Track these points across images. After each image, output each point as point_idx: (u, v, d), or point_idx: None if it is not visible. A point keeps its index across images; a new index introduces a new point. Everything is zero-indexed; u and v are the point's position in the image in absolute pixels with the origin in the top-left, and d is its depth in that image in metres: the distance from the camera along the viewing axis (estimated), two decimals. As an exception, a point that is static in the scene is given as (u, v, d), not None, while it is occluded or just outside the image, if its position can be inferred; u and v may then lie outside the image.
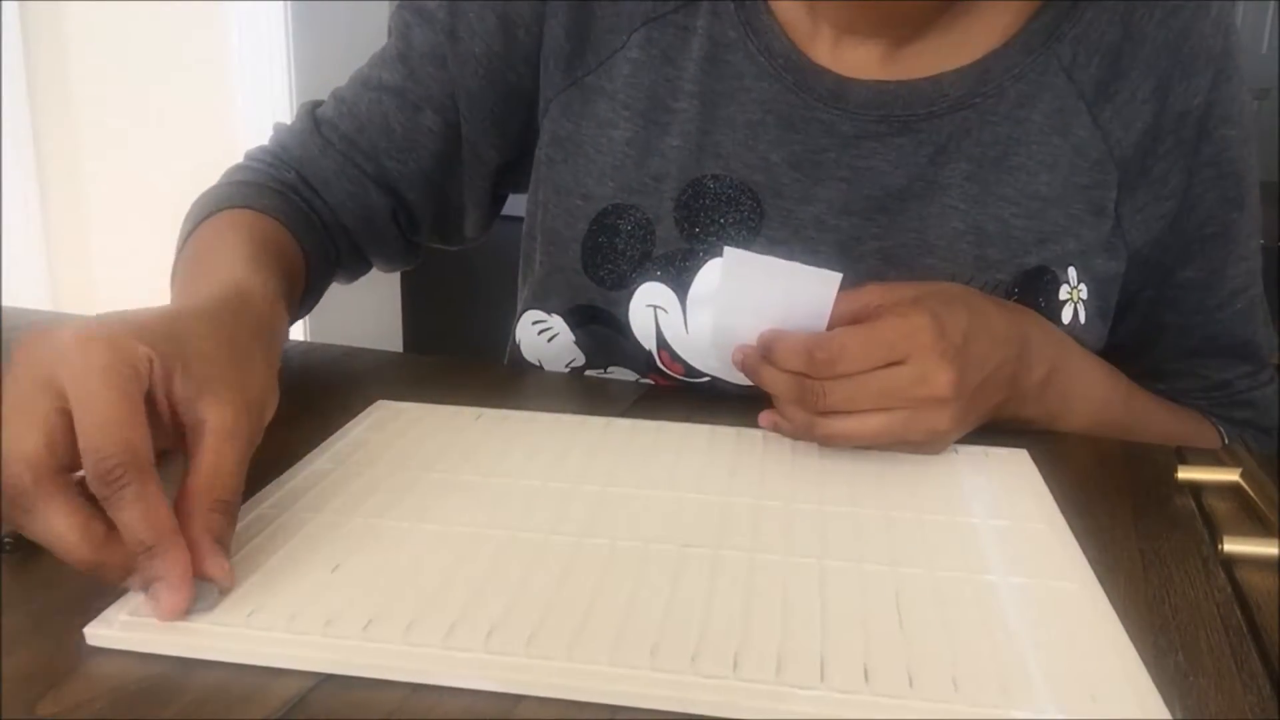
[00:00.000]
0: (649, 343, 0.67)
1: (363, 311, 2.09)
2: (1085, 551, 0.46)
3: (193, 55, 1.89)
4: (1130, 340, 0.70)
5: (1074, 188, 0.62)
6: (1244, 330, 0.69)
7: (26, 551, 0.43)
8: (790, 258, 0.59)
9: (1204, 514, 0.52)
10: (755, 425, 0.58)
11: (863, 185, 0.63)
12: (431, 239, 0.79)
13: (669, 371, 0.67)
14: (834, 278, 0.52)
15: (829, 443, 0.53)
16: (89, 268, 2.08)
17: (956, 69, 0.63)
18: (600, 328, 0.68)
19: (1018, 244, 0.62)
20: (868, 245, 0.63)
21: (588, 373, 0.71)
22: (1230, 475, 0.55)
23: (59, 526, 0.36)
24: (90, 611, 0.38)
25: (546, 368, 0.73)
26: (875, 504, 0.49)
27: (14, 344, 0.39)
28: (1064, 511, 0.49)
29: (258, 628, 0.38)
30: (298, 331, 2.00)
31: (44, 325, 0.40)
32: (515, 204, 0.80)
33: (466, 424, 0.58)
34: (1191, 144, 0.63)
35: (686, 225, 0.64)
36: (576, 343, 0.70)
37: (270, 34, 1.82)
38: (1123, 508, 0.52)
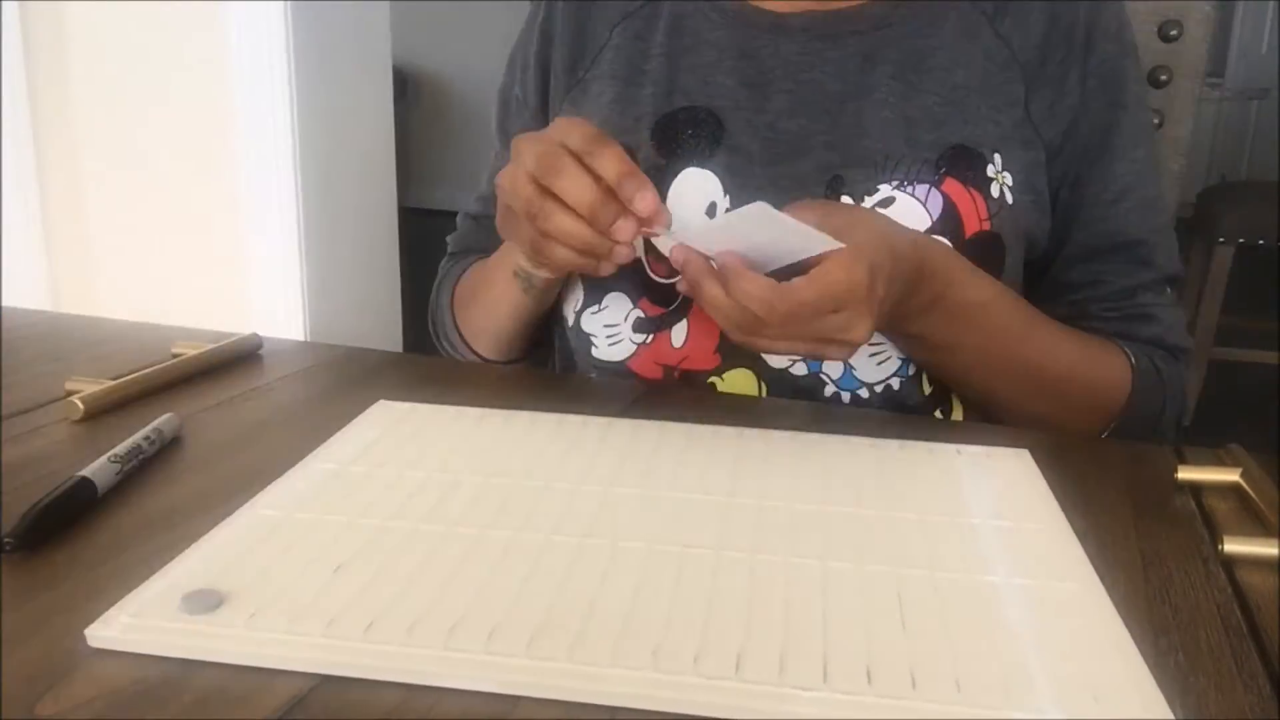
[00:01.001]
0: (638, 247, 0.73)
1: (363, 311, 2.09)
2: (1085, 551, 0.46)
3: (193, 55, 1.89)
4: (1054, 244, 0.77)
5: (989, 84, 0.73)
6: (1137, 229, 0.75)
7: (26, 551, 0.43)
8: (749, 157, 0.73)
9: (1204, 514, 0.52)
10: (759, 426, 0.58)
11: (805, 94, 0.74)
12: None
13: (653, 275, 0.74)
14: (832, 244, 0.56)
15: (746, 348, 0.59)
16: (89, 268, 2.08)
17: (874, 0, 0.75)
18: None
19: (942, 125, 0.72)
20: (816, 139, 0.73)
21: (587, 313, 0.77)
22: (1230, 475, 0.55)
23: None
24: (90, 612, 0.38)
25: (566, 318, 0.81)
26: (878, 505, 0.49)
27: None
28: (1064, 511, 0.49)
29: (259, 629, 0.38)
30: (298, 331, 2.00)
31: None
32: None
33: (470, 424, 0.58)
34: (1080, 52, 0.74)
35: (662, 146, 0.75)
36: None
37: (270, 34, 1.82)
38: (1123, 508, 0.52)
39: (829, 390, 0.70)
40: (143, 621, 0.38)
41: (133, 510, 0.48)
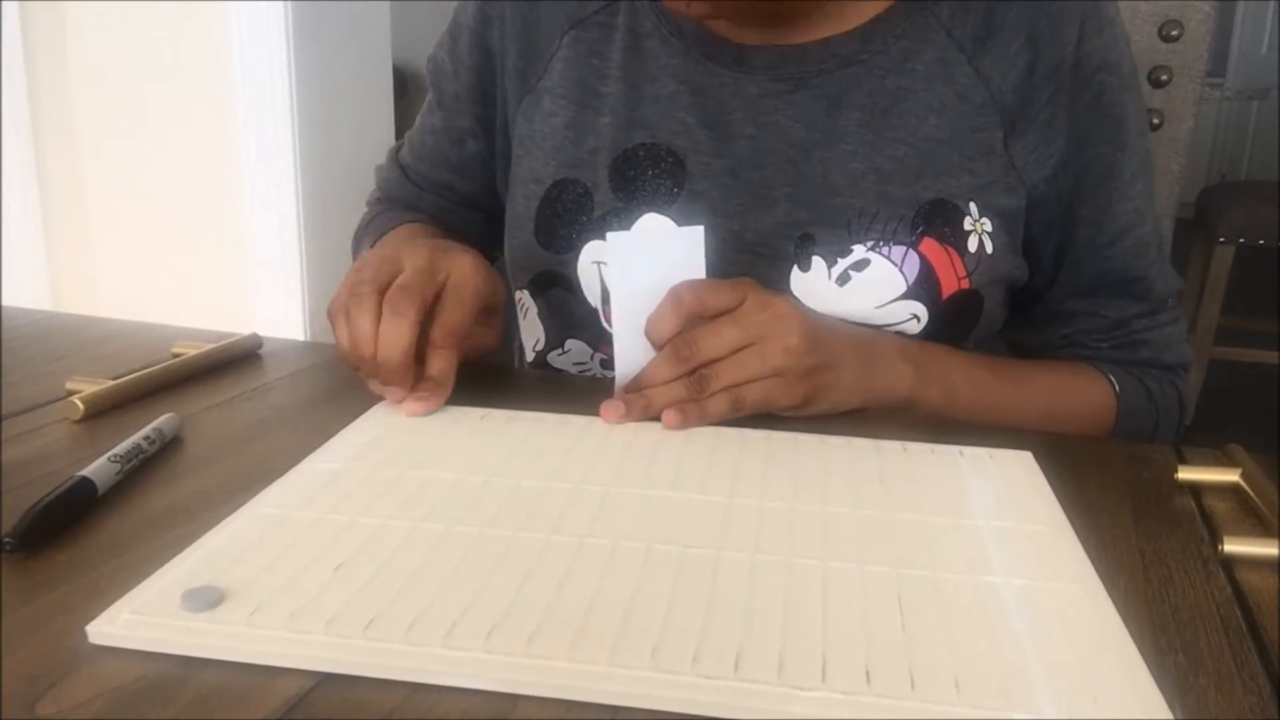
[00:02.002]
0: (595, 298, 0.72)
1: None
2: (1086, 552, 0.46)
3: (193, 55, 1.89)
4: (1041, 281, 0.75)
5: (963, 130, 0.68)
6: (1135, 267, 0.73)
7: (26, 551, 0.43)
8: (711, 206, 0.70)
9: (1204, 514, 0.52)
10: (759, 426, 0.58)
11: (768, 139, 0.70)
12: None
13: (607, 325, 0.72)
14: (697, 231, 0.61)
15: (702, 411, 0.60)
16: (89, 268, 2.08)
17: (844, 32, 0.70)
18: (557, 291, 0.75)
19: (915, 179, 0.68)
20: (779, 191, 0.69)
21: (552, 354, 0.77)
22: (1230, 475, 0.55)
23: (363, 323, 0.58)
24: (91, 611, 0.38)
25: (526, 353, 0.81)
26: (878, 505, 0.49)
27: (368, 252, 0.63)
28: (1065, 512, 0.49)
29: (259, 626, 0.38)
30: (298, 331, 2.00)
31: (382, 249, 0.63)
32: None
33: (471, 424, 0.58)
34: (1069, 90, 0.69)
35: (621, 187, 0.72)
36: (539, 315, 0.77)
37: (270, 34, 1.82)
38: (1123, 508, 0.52)
39: None
40: (144, 618, 0.38)
41: (133, 510, 0.48)
